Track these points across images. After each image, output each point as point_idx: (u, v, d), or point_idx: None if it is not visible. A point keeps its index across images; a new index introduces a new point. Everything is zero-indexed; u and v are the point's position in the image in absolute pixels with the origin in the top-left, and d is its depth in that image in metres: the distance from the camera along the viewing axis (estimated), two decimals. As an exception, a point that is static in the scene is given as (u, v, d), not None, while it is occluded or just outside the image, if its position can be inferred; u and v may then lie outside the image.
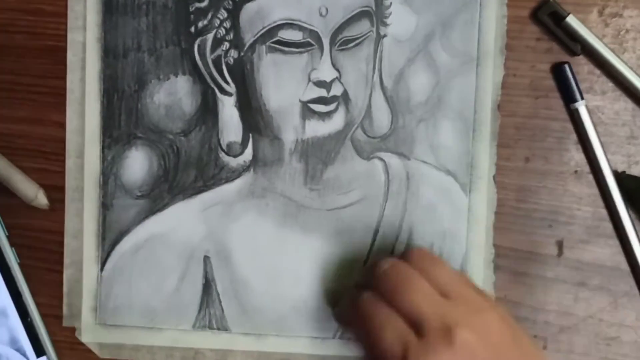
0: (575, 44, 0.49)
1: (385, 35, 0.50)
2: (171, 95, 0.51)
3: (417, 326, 0.41)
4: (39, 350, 0.51)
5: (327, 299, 0.51)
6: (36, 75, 0.51)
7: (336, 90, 0.50)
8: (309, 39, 0.50)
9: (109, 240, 0.51)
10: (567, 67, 0.49)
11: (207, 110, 0.51)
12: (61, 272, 0.52)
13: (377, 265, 0.45)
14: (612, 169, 0.50)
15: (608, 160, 0.50)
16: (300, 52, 0.50)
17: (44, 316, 0.51)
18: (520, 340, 0.43)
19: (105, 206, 0.51)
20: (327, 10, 0.50)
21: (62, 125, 0.51)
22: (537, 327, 0.51)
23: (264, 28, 0.50)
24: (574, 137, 0.50)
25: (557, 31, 0.50)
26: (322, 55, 0.50)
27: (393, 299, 0.42)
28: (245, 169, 0.51)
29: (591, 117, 0.49)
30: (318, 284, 0.51)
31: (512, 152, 0.51)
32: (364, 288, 0.45)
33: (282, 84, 0.50)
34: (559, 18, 0.49)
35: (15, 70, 0.51)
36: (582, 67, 0.50)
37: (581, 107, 0.49)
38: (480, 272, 0.51)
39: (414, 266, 0.44)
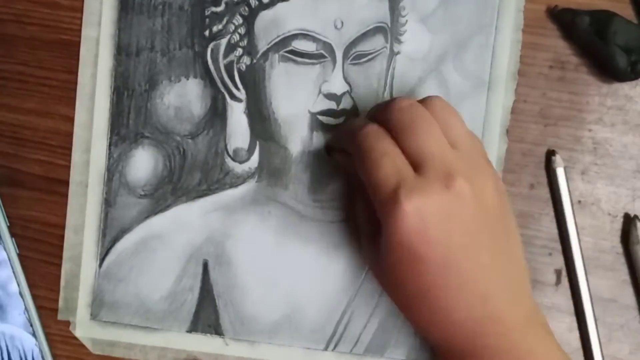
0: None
1: (398, 52, 0.50)
2: (181, 97, 0.51)
3: (418, 166, 0.41)
4: (32, 342, 0.52)
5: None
6: (48, 67, 0.51)
7: (346, 104, 0.50)
8: (322, 51, 0.50)
9: (109, 236, 0.51)
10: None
11: (216, 115, 0.51)
12: (59, 266, 0.52)
13: (395, 101, 0.43)
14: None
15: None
16: (313, 64, 0.50)
17: (39, 308, 0.52)
18: (506, 217, 0.43)
19: (108, 203, 0.51)
20: (342, 23, 0.50)
21: (70, 120, 0.51)
22: (530, 354, 0.51)
23: (278, 37, 0.50)
24: (579, 167, 0.50)
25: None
26: (334, 67, 0.50)
27: (401, 135, 0.42)
28: (250, 175, 0.51)
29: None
30: (315, 295, 0.51)
31: (517, 178, 0.51)
32: (373, 119, 0.45)
33: (293, 93, 0.50)
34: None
35: (27, 62, 0.51)
36: (592, 97, 0.50)
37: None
38: (477, 295, 0.51)
39: (431, 112, 0.43)
